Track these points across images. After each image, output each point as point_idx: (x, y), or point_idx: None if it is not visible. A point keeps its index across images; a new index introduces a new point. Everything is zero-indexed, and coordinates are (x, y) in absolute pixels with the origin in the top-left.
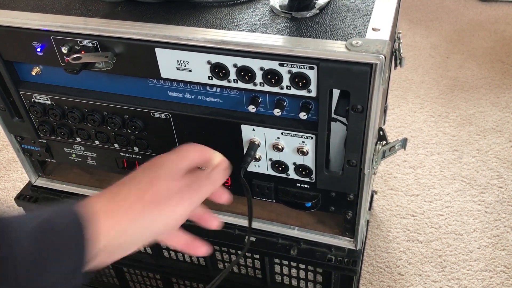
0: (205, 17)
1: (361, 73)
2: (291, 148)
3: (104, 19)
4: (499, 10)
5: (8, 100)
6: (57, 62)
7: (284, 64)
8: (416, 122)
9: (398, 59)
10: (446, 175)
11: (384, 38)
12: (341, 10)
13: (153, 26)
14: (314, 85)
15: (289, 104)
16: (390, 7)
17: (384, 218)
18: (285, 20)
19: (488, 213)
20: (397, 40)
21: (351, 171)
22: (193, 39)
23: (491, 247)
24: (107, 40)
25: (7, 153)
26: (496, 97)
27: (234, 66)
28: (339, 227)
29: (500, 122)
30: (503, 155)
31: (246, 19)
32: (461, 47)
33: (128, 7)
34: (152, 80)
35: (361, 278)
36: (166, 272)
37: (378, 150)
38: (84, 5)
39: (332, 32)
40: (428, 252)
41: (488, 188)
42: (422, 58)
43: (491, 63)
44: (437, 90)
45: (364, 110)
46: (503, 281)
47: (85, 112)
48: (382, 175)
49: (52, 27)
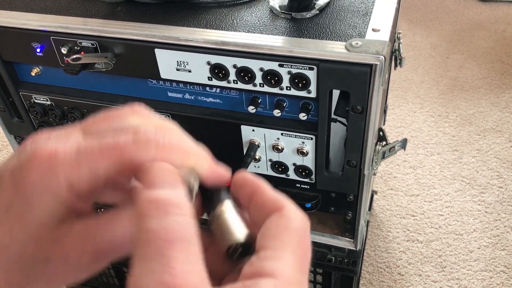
0: (204, 18)
1: (361, 73)
2: (291, 148)
3: (103, 20)
4: (499, 10)
5: (8, 100)
6: (57, 62)
7: (284, 65)
8: (416, 122)
9: (398, 59)
10: (446, 175)
11: (384, 38)
12: (341, 11)
13: (153, 26)
14: (314, 86)
15: (289, 105)
16: (390, 7)
17: (384, 218)
18: (285, 21)
19: (488, 213)
20: (397, 40)
21: (351, 172)
22: (192, 40)
23: (491, 247)
24: (106, 40)
25: (7, 153)
26: (496, 97)
27: (233, 66)
28: (339, 227)
29: (500, 122)
30: (503, 155)
31: (245, 19)
32: (461, 47)
33: (128, 8)
34: (152, 81)
35: (361, 278)
36: None
37: (378, 150)
38: (83, 6)
39: (332, 32)
40: (428, 252)
41: (488, 188)
42: (422, 58)
43: (491, 63)
44: (437, 90)
45: (364, 111)
46: (503, 281)
47: (85, 113)
48: (382, 175)
49: (51, 27)
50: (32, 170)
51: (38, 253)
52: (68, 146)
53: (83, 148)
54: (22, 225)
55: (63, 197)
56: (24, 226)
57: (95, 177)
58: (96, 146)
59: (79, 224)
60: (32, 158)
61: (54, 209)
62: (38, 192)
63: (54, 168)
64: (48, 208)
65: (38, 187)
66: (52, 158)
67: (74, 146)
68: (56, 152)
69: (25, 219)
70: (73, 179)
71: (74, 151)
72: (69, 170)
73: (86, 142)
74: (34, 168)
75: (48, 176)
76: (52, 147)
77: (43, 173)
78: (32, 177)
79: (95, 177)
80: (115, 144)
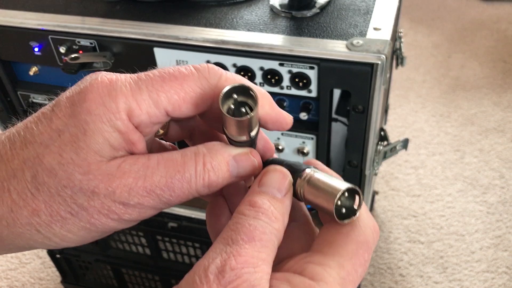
0: (204, 17)
1: (362, 73)
2: (291, 148)
3: (102, 19)
4: (501, 9)
5: (6, 100)
6: (55, 62)
7: (284, 64)
8: (417, 122)
9: (400, 59)
10: (448, 175)
11: (385, 37)
12: (341, 9)
13: (152, 25)
14: (314, 85)
15: (289, 104)
16: (391, 6)
17: (385, 218)
18: (285, 20)
19: (490, 213)
20: (399, 39)
21: (352, 172)
22: (192, 39)
23: (493, 248)
24: (105, 39)
25: None
26: (498, 97)
27: (233, 65)
28: None
29: (502, 122)
30: (505, 155)
31: (245, 18)
32: (463, 46)
33: (127, 6)
34: None
35: (363, 280)
36: (165, 273)
37: (379, 150)
38: (82, 5)
39: (333, 31)
40: (429, 253)
41: (490, 189)
42: (423, 58)
43: (493, 62)
44: (438, 89)
45: (365, 110)
46: (505, 282)
47: None
48: (384, 176)
49: (49, 26)
50: (91, 94)
51: (85, 183)
52: (128, 76)
53: (143, 76)
54: (73, 150)
55: (119, 125)
56: (75, 152)
57: (155, 105)
58: (158, 74)
59: (131, 160)
60: (92, 84)
61: (108, 138)
62: (94, 118)
63: (114, 93)
64: (103, 136)
65: (96, 113)
66: (113, 84)
67: (134, 76)
68: (116, 78)
69: (77, 145)
70: (132, 105)
71: (135, 79)
72: (129, 95)
73: (146, 72)
74: (93, 93)
75: (107, 102)
76: (112, 75)
77: (102, 99)
78: (90, 102)
79: (155, 106)
80: (177, 70)
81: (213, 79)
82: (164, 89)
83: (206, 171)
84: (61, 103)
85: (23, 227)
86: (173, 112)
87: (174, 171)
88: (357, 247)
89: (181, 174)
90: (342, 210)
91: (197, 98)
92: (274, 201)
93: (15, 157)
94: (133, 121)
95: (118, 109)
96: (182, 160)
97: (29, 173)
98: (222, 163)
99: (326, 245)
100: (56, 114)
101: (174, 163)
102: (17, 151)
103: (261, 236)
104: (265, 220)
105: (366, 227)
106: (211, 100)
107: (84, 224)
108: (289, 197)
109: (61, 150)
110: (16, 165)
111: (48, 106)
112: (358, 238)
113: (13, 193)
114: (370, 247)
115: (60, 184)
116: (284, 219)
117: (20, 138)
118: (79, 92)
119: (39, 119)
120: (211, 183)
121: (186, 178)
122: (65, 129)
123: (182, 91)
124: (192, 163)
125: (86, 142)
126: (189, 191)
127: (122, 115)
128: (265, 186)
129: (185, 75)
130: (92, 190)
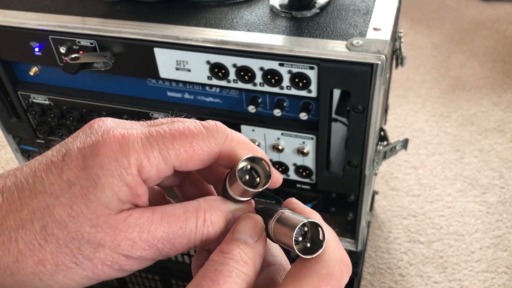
0: (204, 17)
1: (362, 73)
2: (291, 148)
3: (102, 19)
4: (500, 9)
5: (6, 100)
6: (55, 62)
7: (284, 64)
8: (417, 122)
9: (399, 59)
10: (448, 175)
11: (385, 38)
12: (341, 10)
13: (152, 25)
14: (314, 85)
15: (289, 105)
16: (391, 6)
17: (385, 218)
18: (285, 20)
19: (489, 213)
20: (398, 40)
21: (351, 172)
22: (192, 39)
23: (493, 248)
24: (105, 40)
25: (5, 153)
26: (498, 97)
27: (233, 66)
28: (339, 228)
29: (502, 122)
30: (505, 155)
31: (245, 18)
32: (462, 46)
33: (127, 7)
34: (151, 80)
35: (362, 280)
36: (165, 273)
37: (379, 150)
38: (82, 5)
39: (333, 31)
40: (429, 253)
41: (490, 189)
42: (423, 58)
43: (493, 62)
44: (438, 89)
45: (365, 111)
46: (505, 282)
47: (83, 113)
48: (383, 175)
49: (50, 26)
50: (104, 149)
51: (93, 235)
52: (139, 130)
53: (154, 132)
54: (83, 203)
55: (129, 180)
56: (85, 205)
57: (165, 161)
58: (168, 131)
59: (137, 214)
60: (105, 139)
61: (117, 192)
62: (106, 172)
63: (127, 148)
64: (112, 190)
65: (108, 167)
66: (125, 140)
67: (145, 131)
68: (128, 134)
69: (88, 198)
70: (143, 161)
71: (146, 134)
72: (141, 152)
73: (157, 128)
74: (106, 147)
75: (120, 157)
76: (124, 130)
77: (115, 154)
78: (103, 157)
79: (164, 162)
80: (187, 128)
81: (221, 138)
82: (174, 146)
83: (205, 226)
84: (73, 154)
85: (27, 276)
86: (180, 167)
87: (176, 227)
88: (318, 280)
89: (182, 230)
90: (307, 245)
91: (204, 156)
92: (245, 247)
93: (24, 206)
94: (142, 176)
95: (130, 164)
96: (184, 216)
97: (38, 224)
98: (221, 218)
99: (291, 279)
100: (68, 165)
101: (177, 219)
102: (26, 200)
103: (226, 280)
104: (232, 265)
105: (331, 260)
106: (215, 158)
107: (87, 274)
108: (262, 242)
109: (71, 202)
110: (26, 215)
111: (57, 154)
112: (321, 271)
113: (20, 243)
114: (335, 279)
115: (69, 236)
116: (255, 263)
117: (29, 187)
118: (92, 145)
119: (49, 167)
120: (208, 237)
121: (187, 233)
122: (77, 181)
123: (191, 149)
124: (194, 219)
125: (96, 195)
126: (188, 245)
127: (133, 171)
128: (238, 233)
129: (194, 134)
130: (99, 242)
